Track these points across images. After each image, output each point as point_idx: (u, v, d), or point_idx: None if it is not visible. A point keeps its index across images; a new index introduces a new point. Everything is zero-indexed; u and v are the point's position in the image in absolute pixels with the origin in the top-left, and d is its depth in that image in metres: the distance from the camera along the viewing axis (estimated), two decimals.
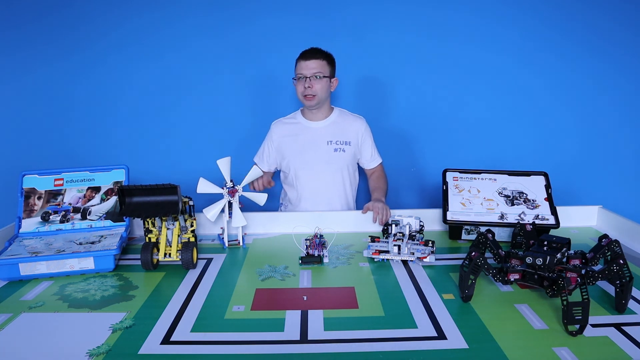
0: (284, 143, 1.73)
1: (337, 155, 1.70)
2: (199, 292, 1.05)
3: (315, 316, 0.92)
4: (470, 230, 1.36)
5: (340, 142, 1.71)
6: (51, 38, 2.04)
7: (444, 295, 1.01)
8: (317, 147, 1.70)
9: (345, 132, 1.72)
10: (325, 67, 1.65)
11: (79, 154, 2.14)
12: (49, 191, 1.33)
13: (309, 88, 1.62)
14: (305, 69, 1.62)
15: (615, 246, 1.02)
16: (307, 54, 1.64)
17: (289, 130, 1.74)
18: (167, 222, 1.18)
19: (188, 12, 2.04)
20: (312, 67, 1.62)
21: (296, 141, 1.72)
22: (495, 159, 2.12)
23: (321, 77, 1.63)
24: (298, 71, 1.65)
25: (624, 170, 2.16)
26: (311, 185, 1.72)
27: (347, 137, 1.72)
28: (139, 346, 0.83)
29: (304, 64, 1.63)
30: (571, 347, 0.80)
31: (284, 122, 1.77)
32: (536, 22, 2.04)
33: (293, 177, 1.73)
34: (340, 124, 1.73)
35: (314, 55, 1.63)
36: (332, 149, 1.70)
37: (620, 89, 2.09)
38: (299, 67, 1.64)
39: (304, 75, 1.62)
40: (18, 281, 1.12)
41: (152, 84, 2.10)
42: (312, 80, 1.62)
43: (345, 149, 1.71)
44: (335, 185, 1.72)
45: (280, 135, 1.74)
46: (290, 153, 1.72)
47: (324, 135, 1.71)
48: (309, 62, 1.62)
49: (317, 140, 1.71)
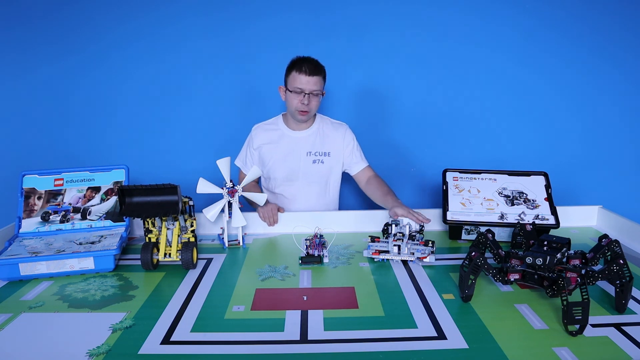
0: (265, 150, 1.70)
1: (315, 167, 1.68)
2: (199, 292, 1.05)
3: (315, 316, 0.92)
4: (470, 230, 1.36)
5: (319, 154, 1.68)
6: (51, 38, 2.04)
7: (444, 295, 1.01)
8: (297, 157, 1.68)
9: (326, 143, 1.69)
10: (322, 82, 1.59)
11: (79, 154, 2.13)
12: (49, 191, 1.33)
13: (306, 105, 1.57)
14: (306, 85, 1.54)
15: (615, 246, 1.02)
16: (308, 68, 1.53)
17: (270, 138, 1.70)
18: (167, 222, 1.18)
19: (188, 12, 2.04)
20: (313, 83, 1.54)
21: (277, 149, 1.69)
22: (495, 159, 2.12)
23: (318, 94, 1.59)
24: (296, 84, 1.54)
25: (624, 170, 2.16)
26: (290, 192, 1.70)
27: (327, 148, 1.69)
28: (139, 346, 0.83)
29: (305, 79, 1.53)
30: (571, 347, 0.80)
31: (264, 128, 1.73)
32: (536, 22, 2.04)
33: (273, 184, 1.72)
34: (321, 134, 1.70)
35: (316, 72, 1.54)
36: (310, 161, 1.67)
37: (621, 89, 2.09)
38: (298, 80, 1.54)
39: (303, 91, 1.55)
40: (18, 281, 1.12)
41: (153, 84, 2.10)
42: (310, 97, 1.56)
43: (324, 161, 1.68)
44: (313, 196, 1.70)
45: (261, 142, 1.71)
46: (270, 160, 1.69)
47: (304, 145, 1.68)
48: (311, 78, 1.53)
49: (296, 150, 1.68)
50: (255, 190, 1.67)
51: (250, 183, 1.62)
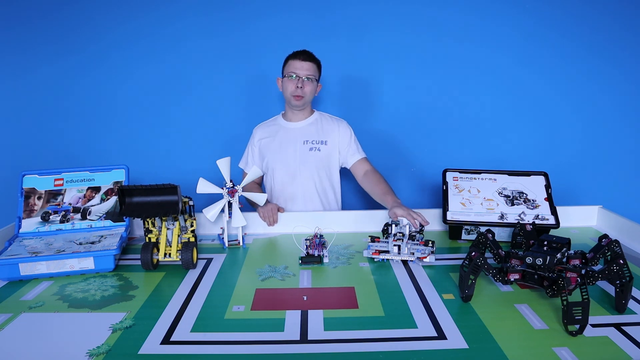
0: (264, 144, 1.75)
1: (312, 155, 1.70)
2: (199, 292, 1.05)
3: (315, 316, 0.92)
4: (470, 230, 1.36)
5: (316, 142, 1.71)
6: (51, 38, 2.04)
7: (444, 295, 1.01)
8: (294, 146, 1.71)
9: (322, 133, 1.72)
10: (316, 70, 1.68)
11: (79, 154, 2.13)
12: (49, 191, 1.33)
13: (300, 88, 1.64)
14: (300, 69, 1.63)
15: (615, 246, 1.02)
16: (302, 55, 1.65)
17: (269, 132, 1.76)
18: (167, 222, 1.18)
19: (188, 12, 2.04)
20: (306, 68, 1.64)
21: (274, 140, 1.73)
22: (495, 159, 2.12)
23: (312, 80, 1.66)
24: (291, 70, 1.64)
25: (624, 170, 2.16)
26: (286, 183, 1.72)
27: (324, 137, 1.72)
28: (139, 346, 0.83)
29: (299, 64, 1.63)
30: (571, 347, 0.80)
31: (264, 125, 1.80)
32: (536, 21, 2.04)
33: (271, 176, 1.74)
34: (317, 125, 1.74)
35: (309, 58, 1.65)
36: (307, 149, 1.71)
37: (621, 88, 2.09)
38: (292, 65, 1.64)
39: (298, 74, 1.63)
40: (18, 281, 1.12)
41: (152, 84, 2.10)
42: (304, 81, 1.64)
43: (320, 148, 1.71)
44: (311, 184, 1.71)
45: (261, 138, 1.76)
46: (268, 152, 1.73)
47: (300, 135, 1.72)
48: (305, 63, 1.64)
49: (293, 140, 1.72)
50: (256, 190, 1.68)
51: (250, 183, 1.63)
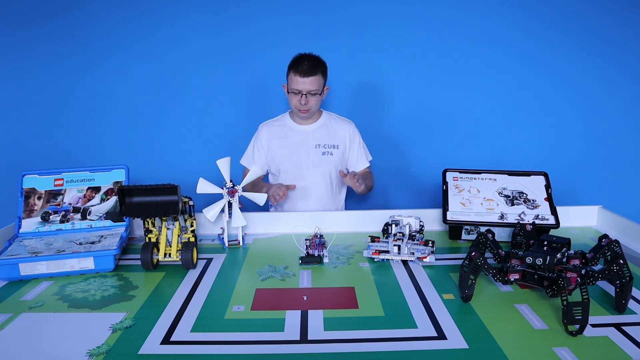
0: (274, 145, 1.74)
1: (325, 159, 1.71)
2: (199, 292, 1.05)
3: (315, 316, 0.92)
4: (470, 230, 1.36)
5: (328, 146, 1.72)
6: (51, 38, 2.04)
7: (444, 295, 1.01)
8: (306, 150, 1.71)
9: (333, 136, 1.73)
10: (320, 82, 1.63)
11: (79, 154, 2.14)
12: (49, 191, 1.33)
13: (304, 104, 1.62)
14: (303, 86, 1.59)
15: (615, 246, 1.02)
16: (304, 69, 1.58)
17: (277, 133, 1.74)
18: (167, 222, 1.18)
19: (189, 12, 2.04)
20: (309, 83, 1.59)
21: (285, 143, 1.72)
22: (495, 159, 2.12)
23: (316, 93, 1.63)
24: (293, 86, 1.61)
25: (624, 170, 2.16)
26: (300, 187, 1.72)
27: (335, 141, 1.73)
28: (139, 346, 0.83)
29: (301, 80, 1.59)
30: (571, 347, 0.80)
31: (271, 125, 1.77)
32: (536, 22, 2.04)
33: (283, 179, 1.74)
34: (328, 128, 1.74)
35: (311, 72, 1.59)
36: (320, 152, 1.71)
37: (621, 89, 2.09)
38: (295, 82, 1.60)
39: (300, 91, 1.60)
40: (18, 281, 1.12)
41: (152, 84, 2.10)
42: (308, 97, 1.61)
43: (333, 152, 1.72)
44: (323, 188, 1.73)
45: (269, 138, 1.75)
46: (279, 155, 1.73)
47: (312, 138, 1.72)
48: (307, 79, 1.59)
49: (305, 144, 1.71)
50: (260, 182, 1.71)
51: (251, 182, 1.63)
